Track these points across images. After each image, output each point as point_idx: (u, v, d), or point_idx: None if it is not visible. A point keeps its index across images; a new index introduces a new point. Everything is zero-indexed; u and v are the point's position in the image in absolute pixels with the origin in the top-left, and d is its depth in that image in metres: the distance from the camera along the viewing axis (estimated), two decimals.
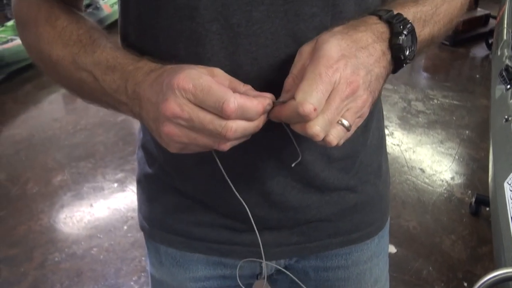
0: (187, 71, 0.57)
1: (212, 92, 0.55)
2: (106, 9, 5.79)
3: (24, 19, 0.78)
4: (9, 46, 4.63)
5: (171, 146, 0.60)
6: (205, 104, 0.56)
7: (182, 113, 0.56)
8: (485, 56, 5.05)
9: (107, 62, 0.67)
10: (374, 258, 0.97)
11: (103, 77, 0.67)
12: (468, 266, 2.47)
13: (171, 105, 0.56)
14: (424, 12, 0.70)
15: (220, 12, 0.64)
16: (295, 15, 0.66)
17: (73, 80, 0.72)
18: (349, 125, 0.58)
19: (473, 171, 3.26)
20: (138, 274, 2.49)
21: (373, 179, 0.90)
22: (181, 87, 0.55)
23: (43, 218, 2.93)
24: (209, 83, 0.56)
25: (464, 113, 4.00)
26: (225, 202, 0.81)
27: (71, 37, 0.71)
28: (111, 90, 0.67)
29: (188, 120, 0.56)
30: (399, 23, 0.63)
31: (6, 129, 4.04)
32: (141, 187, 0.96)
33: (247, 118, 0.58)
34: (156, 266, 0.98)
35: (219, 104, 0.55)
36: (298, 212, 0.83)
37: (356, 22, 0.64)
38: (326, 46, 0.57)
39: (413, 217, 2.81)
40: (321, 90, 0.55)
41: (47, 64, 0.75)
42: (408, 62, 0.65)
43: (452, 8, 0.76)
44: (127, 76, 0.65)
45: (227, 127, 0.56)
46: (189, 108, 0.56)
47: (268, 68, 0.67)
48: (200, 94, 0.55)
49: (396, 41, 0.63)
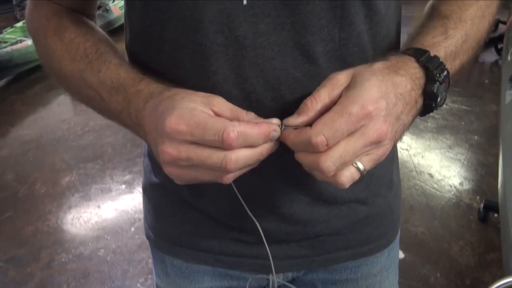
0: (178, 111, 0.55)
1: (209, 126, 0.54)
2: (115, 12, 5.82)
3: (35, 30, 0.78)
4: (18, 47, 4.67)
5: (177, 181, 0.60)
6: (204, 140, 0.54)
7: (179, 155, 0.55)
8: (495, 61, 5.03)
9: (111, 83, 0.67)
10: (384, 271, 0.95)
11: (108, 98, 0.67)
12: (476, 273, 2.45)
13: (167, 149, 0.55)
14: (454, 43, 0.68)
15: (225, 24, 0.63)
16: (303, 27, 0.64)
17: (83, 96, 0.72)
18: (364, 170, 0.56)
19: (482, 176, 3.24)
20: (145, 276, 2.49)
21: (384, 191, 0.88)
22: (175, 130, 0.54)
23: (51, 218, 2.94)
24: (203, 118, 0.55)
25: (473, 118, 3.99)
26: (233, 214, 0.80)
27: (78, 52, 0.71)
28: (116, 111, 0.67)
29: (186, 160, 0.55)
30: (436, 69, 0.61)
31: (14, 129, 4.06)
32: (147, 196, 0.95)
33: (251, 145, 0.56)
34: (161, 277, 0.97)
35: (219, 136, 0.53)
36: (307, 225, 0.81)
37: (396, 62, 0.62)
38: (367, 85, 0.55)
39: (421, 223, 2.79)
40: (343, 129, 0.53)
41: (58, 76, 0.75)
42: (438, 108, 0.64)
43: (481, 31, 0.73)
44: (129, 99, 0.64)
45: (227, 159, 0.55)
46: (186, 148, 0.55)
47: (275, 81, 0.65)
48: (197, 132, 0.54)
49: (431, 89, 0.61)
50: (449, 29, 0.69)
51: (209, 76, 0.62)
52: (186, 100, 0.57)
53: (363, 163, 0.56)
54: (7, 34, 5.05)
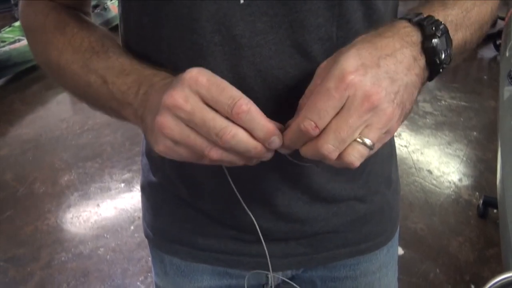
0: (203, 70, 0.54)
1: (228, 90, 0.52)
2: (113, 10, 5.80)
3: (31, 26, 0.77)
4: (17, 46, 4.65)
5: (160, 141, 0.56)
6: (215, 101, 0.52)
7: (184, 104, 0.52)
8: (493, 57, 5.03)
9: (121, 67, 0.65)
10: (383, 269, 0.95)
11: (113, 80, 0.65)
12: (475, 269, 2.46)
13: (176, 93, 0.53)
14: (455, 15, 0.65)
15: (222, 23, 0.62)
16: (300, 26, 0.63)
17: (80, 84, 0.70)
18: (371, 144, 0.53)
19: (481, 172, 3.24)
20: (144, 274, 2.49)
21: (383, 189, 0.88)
22: (195, 78, 0.52)
23: (50, 218, 2.94)
24: (224, 83, 0.53)
25: (471, 115, 3.99)
26: (232, 213, 0.80)
27: (83, 44, 0.70)
28: (119, 92, 0.64)
29: (189, 113, 0.53)
30: (431, 25, 0.58)
31: (13, 129, 4.05)
32: (145, 195, 0.95)
33: (251, 130, 0.54)
34: (160, 276, 0.97)
35: (233, 101, 0.52)
36: (305, 224, 0.81)
37: (383, 28, 0.59)
38: (342, 58, 0.52)
39: (420, 219, 2.80)
40: (326, 107, 0.51)
41: (53, 69, 0.73)
42: (445, 66, 0.60)
43: (482, 14, 0.71)
44: (143, 79, 0.62)
45: (226, 129, 0.52)
46: (194, 101, 0.53)
47: (273, 80, 0.65)
48: (214, 89, 0.52)
49: (429, 44, 0.58)
50: (448, 4, 0.66)
51: None
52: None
53: (368, 136, 0.52)
54: (5, 33, 5.03)
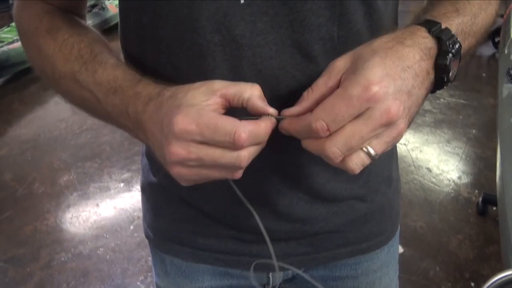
0: (185, 110, 0.54)
1: (220, 127, 0.53)
2: (111, 9, 5.80)
3: (25, 29, 0.76)
4: (15, 46, 4.65)
5: (183, 183, 0.59)
6: (214, 140, 0.53)
7: (189, 155, 0.54)
8: (492, 54, 5.03)
9: (108, 84, 0.65)
10: (384, 268, 0.95)
11: (105, 100, 0.65)
12: (475, 266, 2.46)
13: (176, 150, 0.53)
14: (465, 23, 0.65)
15: (222, 23, 0.62)
16: (300, 26, 0.63)
17: (76, 98, 0.70)
18: (375, 154, 0.53)
19: (480, 170, 3.24)
20: (144, 274, 2.49)
21: (383, 188, 0.88)
22: (184, 129, 0.53)
23: (49, 218, 2.94)
24: (213, 119, 0.53)
25: (470, 112, 3.99)
26: (232, 213, 0.80)
27: (72, 52, 0.69)
28: (114, 113, 0.65)
29: (197, 160, 0.54)
30: (449, 40, 0.57)
31: (12, 129, 4.05)
32: (145, 196, 0.94)
33: (257, 142, 0.56)
34: (161, 276, 0.96)
35: (230, 137, 0.52)
36: (306, 223, 0.81)
37: (401, 33, 0.58)
38: (368, 65, 0.52)
39: (420, 217, 2.80)
40: (343, 113, 0.50)
41: (49, 77, 0.73)
42: (449, 83, 0.60)
43: (487, 18, 0.71)
44: (127, 102, 0.62)
45: (241, 157, 0.54)
46: (196, 149, 0.54)
47: (273, 80, 0.65)
48: (207, 132, 0.53)
49: (443, 61, 0.57)
50: (460, 9, 0.66)
51: (206, 76, 0.61)
52: (190, 97, 0.55)
53: (374, 147, 0.52)
54: (4, 33, 5.04)
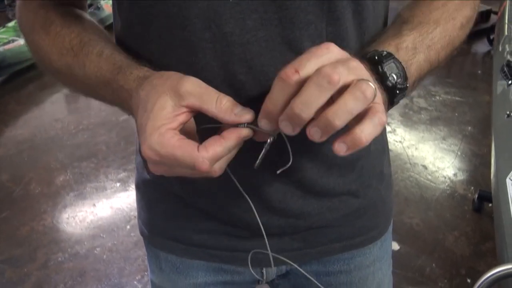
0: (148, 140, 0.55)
1: (180, 159, 0.55)
2: (107, 9, 5.79)
3: (24, 26, 0.79)
4: (11, 47, 4.64)
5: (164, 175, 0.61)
6: (179, 167, 0.56)
7: (161, 159, 0.56)
8: (487, 52, 5.03)
9: (96, 78, 0.68)
10: (377, 263, 0.96)
11: (98, 92, 0.69)
12: (471, 263, 2.47)
13: (148, 153, 0.56)
14: (411, 40, 0.68)
15: (212, 20, 0.63)
16: (290, 23, 0.64)
17: (78, 88, 0.74)
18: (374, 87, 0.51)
19: (476, 167, 3.25)
20: (141, 273, 2.49)
21: (375, 183, 0.89)
22: (148, 157, 0.56)
23: (46, 218, 2.94)
24: (171, 151, 0.55)
25: (466, 109, 3.99)
26: (226, 209, 0.80)
27: (64, 44, 0.71)
28: (109, 102, 0.69)
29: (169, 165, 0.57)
30: (374, 55, 0.62)
31: (8, 129, 4.04)
32: (140, 193, 0.95)
33: (225, 156, 0.57)
34: (156, 273, 0.97)
35: (192, 167, 0.55)
36: (299, 218, 0.82)
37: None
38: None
39: (416, 214, 2.80)
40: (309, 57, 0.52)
41: (50, 71, 0.76)
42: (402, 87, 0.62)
43: (449, 30, 0.73)
44: (117, 94, 0.66)
45: (211, 172, 0.57)
46: (164, 168, 0.58)
47: (263, 77, 0.66)
48: (169, 162, 0.56)
49: (378, 70, 0.61)
50: (404, 30, 0.69)
51: (197, 73, 0.62)
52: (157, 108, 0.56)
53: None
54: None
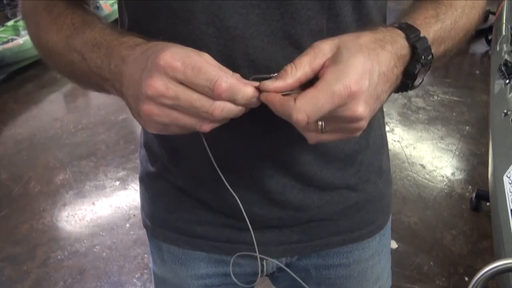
0: (174, 49, 0.55)
1: (204, 71, 0.54)
2: (106, 9, 5.79)
3: (27, 11, 0.79)
4: (10, 46, 4.64)
5: (150, 126, 0.59)
6: (194, 83, 0.54)
7: (167, 91, 0.54)
8: (485, 52, 5.04)
9: (94, 40, 0.65)
10: (375, 256, 0.97)
11: (89, 55, 0.65)
12: (469, 261, 2.48)
13: (155, 83, 0.54)
14: (444, 29, 0.69)
15: (216, 15, 0.64)
16: (291, 18, 0.65)
17: (66, 64, 0.71)
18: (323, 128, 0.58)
19: (474, 166, 3.26)
20: (141, 271, 2.50)
21: (374, 177, 0.90)
22: (169, 64, 0.53)
23: (46, 216, 2.94)
24: (199, 62, 0.54)
25: (464, 109, 4.00)
26: (227, 201, 0.81)
27: (65, 21, 0.71)
28: (95, 67, 0.65)
29: (173, 98, 0.54)
30: (422, 51, 0.62)
31: (7, 128, 4.05)
32: (143, 186, 0.96)
33: (235, 101, 0.56)
34: (158, 264, 0.98)
35: (211, 83, 0.53)
36: (299, 211, 0.83)
37: (383, 36, 0.61)
38: (352, 62, 0.55)
39: (414, 213, 2.81)
40: (325, 109, 0.54)
41: (45, 51, 0.74)
42: (413, 89, 0.65)
43: (470, 21, 0.75)
44: (111, 51, 0.63)
45: (215, 106, 0.55)
46: (175, 86, 0.54)
47: (265, 71, 0.66)
48: (190, 72, 0.53)
49: (412, 69, 0.62)
50: (440, 14, 0.70)
51: None
52: (179, 46, 0.57)
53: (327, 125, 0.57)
54: None
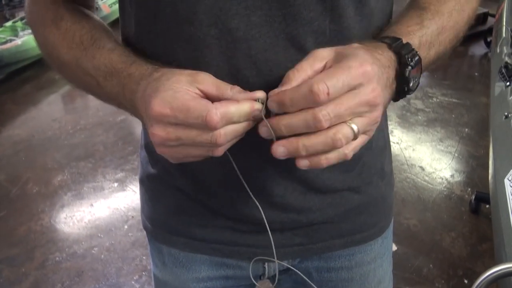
0: (161, 95, 0.57)
1: (192, 110, 0.55)
2: (105, 9, 5.79)
3: (34, 21, 0.80)
4: (8, 46, 4.63)
5: (170, 160, 0.62)
6: (188, 123, 0.56)
7: (168, 135, 0.57)
8: (484, 54, 5.05)
9: (105, 68, 0.69)
10: (377, 259, 0.96)
11: (104, 83, 0.69)
12: (468, 263, 2.48)
13: (156, 131, 0.57)
14: (430, 34, 0.70)
15: (218, 17, 0.64)
16: (294, 20, 0.65)
17: (81, 83, 0.75)
18: (357, 131, 0.56)
19: (473, 168, 3.26)
20: (139, 273, 2.49)
21: (376, 180, 0.89)
22: (159, 113, 0.56)
23: (44, 218, 2.94)
24: (185, 102, 0.56)
25: (463, 111, 4.00)
26: (229, 203, 0.81)
27: (74, 39, 0.73)
28: (113, 95, 0.69)
29: (176, 140, 0.57)
30: (408, 54, 0.63)
31: (5, 129, 4.04)
32: (144, 187, 0.96)
33: (235, 122, 0.58)
34: (159, 267, 0.98)
35: (202, 119, 0.55)
36: (301, 214, 0.82)
37: (370, 45, 0.63)
38: (357, 52, 0.57)
39: (413, 215, 2.81)
40: (344, 80, 0.53)
41: (57, 66, 0.78)
42: (411, 93, 0.66)
43: (459, 24, 0.75)
44: (123, 83, 0.66)
45: (216, 136, 0.56)
46: (174, 129, 0.57)
47: (267, 73, 0.67)
48: (180, 115, 0.56)
49: (403, 73, 0.63)
50: (425, 20, 0.71)
51: (202, 68, 0.63)
52: (172, 81, 0.58)
53: (357, 124, 0.56)
54: None
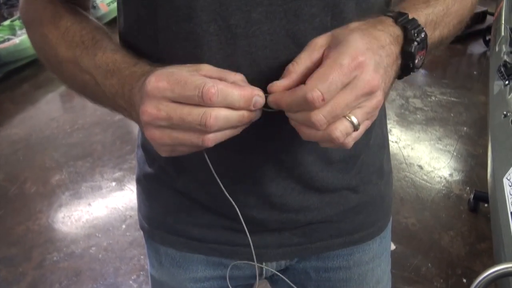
0: (160, 71, 0.56)
1: (189, 82, 0.54)
2: (102, 8, 5.79)
3: (30, 19, 0.79)
4: (6, 45, 4.63)
5: (159, 150, 0.60)
6: (184, 95, 0.54)
7: (158, 113, 0.55)
8: (483, 52, 5.05)
9: (106, 66, 0.67)
10: (376, 259, 0.96)
11: (103, 81, 0.67)
12: (467, 262, 2.48)
13: (147, 108, 0.55)
14: (436, 13, 0.69)
15: (218, 13, 0.63)
16: (295, 16, 0.64)
17: (78, 82, 0.73)
18: (357, 124, 0.55)
19: (471, 167, 3.26)
20: (137, 273, 2.49)
21: (375, 179, 0.89)
22: (155, 87, 0.55)
23: (42, 217, 2.93)
24: (184, 76, 0.55)
25: (462, 110, 4.00)
26: (225, 203, 0.79)
27: (74, 39, 0.72)
28: (110, 94, 0.67)
29: (166, 118, 0.55)
30: (414, 29, 0.62)
31: (3, 129, 4.03)
32: (141, 187, 0.95)
33: (231, 105, 0.56)
34: (156, 267, 0.97)
35: (199, 91, 0.53)
36: (299, 213, 0.82)
37: (372, 20, 0.62)
38: (350, 39, 0.55)
39: (411, 214, 2.81)
40: (337, 81, 0.53)
41: (53, 65, 0.76)
42: (416, 70, 0.64)
43: (462, 9, 0.75)
44: (124, 81, 0.65)
45: (206, 115, 0.54)
46: (165, 106, 0.55)
47: (267, 70, 0.66)
48: (177, 88, 0.54)
49: (408, 48, 0.62)
50: (431, 0, 0.70)
51: None
52: (173, 67, 0.58)
53: (356, 116, 0.55)
54: None
